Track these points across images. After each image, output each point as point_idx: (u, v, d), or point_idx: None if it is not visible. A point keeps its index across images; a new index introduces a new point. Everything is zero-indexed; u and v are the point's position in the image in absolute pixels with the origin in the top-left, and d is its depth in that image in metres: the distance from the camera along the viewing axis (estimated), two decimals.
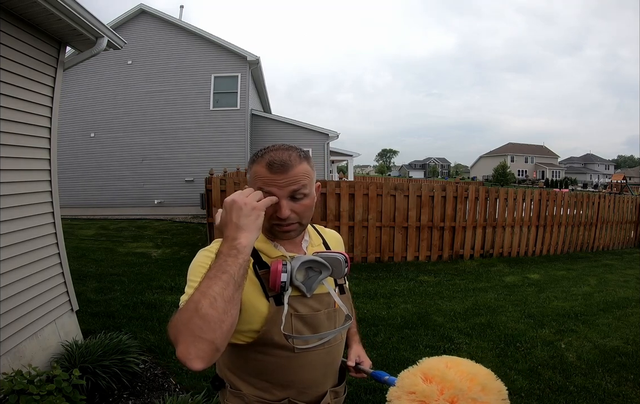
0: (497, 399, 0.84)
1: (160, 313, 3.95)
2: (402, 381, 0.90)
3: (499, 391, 0.85)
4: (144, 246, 7.26)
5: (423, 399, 0.84)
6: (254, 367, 0.96)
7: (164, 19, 12.16)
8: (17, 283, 2.45)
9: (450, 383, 0.85)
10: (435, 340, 3.53)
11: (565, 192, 8.62)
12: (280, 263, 0.91)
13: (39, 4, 2.28)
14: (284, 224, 0.93)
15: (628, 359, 3.16)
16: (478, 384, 0.85)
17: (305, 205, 0.94)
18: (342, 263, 1.00)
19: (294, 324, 0.94)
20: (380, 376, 1.12)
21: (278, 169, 0.90)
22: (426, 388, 0.85)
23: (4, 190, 2.36)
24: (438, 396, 0.83)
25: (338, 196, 6.09)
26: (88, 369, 2.45)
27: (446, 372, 0.88)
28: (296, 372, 0.96)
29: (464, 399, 0.82)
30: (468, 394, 0.83)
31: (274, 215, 0.92)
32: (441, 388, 0.84)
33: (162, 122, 12.08)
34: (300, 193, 0.92)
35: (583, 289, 5.26)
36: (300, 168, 0.93)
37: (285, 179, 0.90)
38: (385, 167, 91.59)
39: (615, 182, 29.14)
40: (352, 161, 16.78)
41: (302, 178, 0.92)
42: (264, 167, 0.91)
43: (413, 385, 0.87)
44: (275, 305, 0.92)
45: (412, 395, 0.86)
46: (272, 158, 0.91)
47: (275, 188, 0.90)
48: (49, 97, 2.77)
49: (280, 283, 0.90)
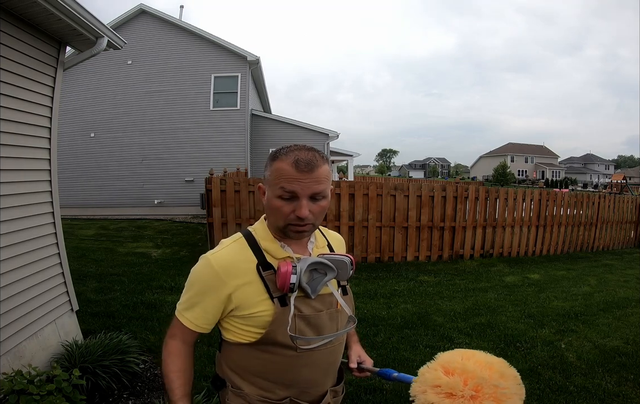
0: (515, 384, 0.89)
1: (160, 313, 3.95)
2: (423, 377, 0.93)
3: (514, 377, 0.91)
4: (144, 246, 7.26)
5: (449, 391, 0.87)
6: (257, 366, 0.97)
7: (164, 19, 12.16)
8: (17, 283, 2.45)
9: (472, 373, 0.88)
10: (435, 340, 3.53)
11: (565, 192, 8.62)
12: (291, 265, 0.91)
13: (39, 4, 2.28)
14: (301, 224, 0.92)
15: (628, 359, 3.16)
16: (497, 372, 0.90)
17: (322, 206, 0.95)
18: (348, 265, 1.01)
19: (297, 324, 0.94)
20: (388, 373, 1.11)
21: (305, 168, 0.89)
22: (450, 380, 0.88)
23: (4, 190, 2.36)
24: (463, 387, 0.86)
25: (338, 196, 6.09)
26: (88, 369, 2.45)
27: (465, 363, 0.92)
28: (299, 371, 0.97)
29: (487, 387, 0.86)
30: (490, 381, 0.87)
31: (292, 214, 0.91)
32: (464, 379, 0.88)
33: (162, 122, 12.08)
34: (320, 195, 0.93)
35: (583, 289, 5.25)
36: (324, 169, 0.93)
37: (310, 179, 0.90)
38: (385, 167, 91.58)
39: (615, 182, 29.14)
40: (352, 161, 16.77)
41: (324, 180, 0.93)
42: (290, 165, 0.90)
43: (436, 379, 0.90)
44: (280, 306, 0.93)
45: (437, 389, 0.88)
46: (299, 157, 0.90)
47: (299, 187, 0.90)
48: (49, 97, 2.77)
49: (289, 285, 0.90)
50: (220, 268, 0.94)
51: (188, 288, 0.99)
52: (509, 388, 0.87)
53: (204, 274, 0.96)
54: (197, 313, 0.97)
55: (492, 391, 0.85)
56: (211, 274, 0.94)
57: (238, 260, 0.96)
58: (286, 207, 0.91)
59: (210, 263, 0.95)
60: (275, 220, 0.95)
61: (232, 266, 0.94)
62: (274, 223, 0.97)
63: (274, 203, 0.93)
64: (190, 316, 0.97)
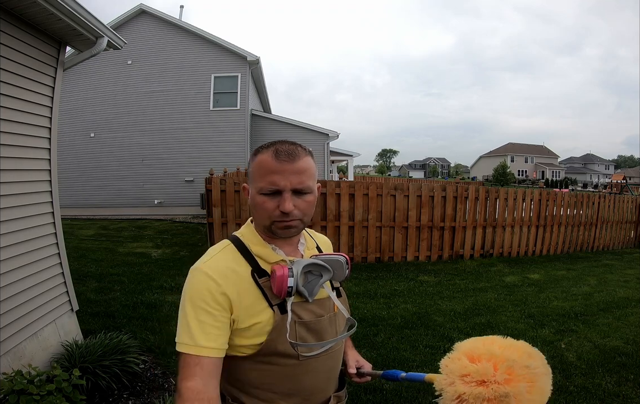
0: (543, 364, 0.86)
1: (160, 313, 3.95)
2: (448, 368, 0.87)
3: (540, 356, 0.87)
4: (144, 246, 7.26)
5: (480, 379, 0.81)
6: (256, 378, 0.92)
7: (164, 19, 12.16)
8: (17, 283, 2.45)
9: (501, 357, 0.84)
10: (435, 340, 3.53)
11: (565, 191, 8.61)
12: (286, 268, 0.88)
13: (39, 4, 2.28)
14: (287, 219, 0.88)
15: (628, 359, 3.16)
16: (524, 353, 0.86)
17: (308, 201, 0.91)
18: (344, 265, 0.97)
19: (298, 331, 0.90)
20: (395, 375, 1.05)
21: (285, 158, 0.87)
22: (480, 367, 0.83)
23: (4, 190, 2.36)
24: (494, 372, 0.82)
25: (338, 196, 6.09)
26: (88, 369, 2.45)
27: (491, 347, 0.87)
28: (301, 380, 0.93)
29: (518, 369, 0.82)
30: (520, 362, 0.83)
31: (276, 210, 0.88)
32: (494, 364, 0.83)
33: (162, 122, 12.08)
34: (305, 188, 0.90)
35: (583, 289, 5.25)
36: (306, 160, 0.91)
37: (291, 168, 0.87)
38: (385, 167, 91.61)
39: (615, 182, 29.14)
40: (352, 161, 16.78)
41: (307, 171, 0.90)
42: (270, 156, 0.88)
43: (463, 368, 0.85)
44: (279, 314, 0.89)
45: (466, 378, 0.83)
46: (279, 147, 0.89)
47: (281, 178, 0.87)
48: (49, 97, 2.77)
49: (287, 289, 0.86)
50: (218, 276, 0.87)
51: (187, 310, 0.85)
52: (539, 367, 0.84)
53: (201, 285, 0.86)
54: (212, 333, 0.84)
55: (525, 372, 0.82)
56: (210, 283, 0.86)
57: (232, 267, 0.90)
58: (269, 203, 0.88)
59: (204, 272, 0.88)
60: (261, 219, 0.91)
61: (227, 274, 0.88)
62: (260, 222, 0.92)
63: (257, 200, 0.90)
64: (206, 342, 0.82)
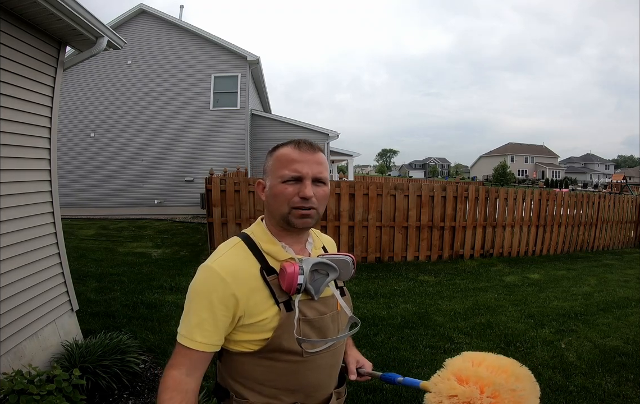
0: (530, 384, 0.89)
1: (161, 313, 3.95)
2: (437, 387, 0.90)
3: (529, 376, 0.90)
4: (144, 246, 7.26)
5: (466, 400, 0.85)
6: (261, 374, 0.94)
7: (164, 19, 12.15)
8: (17, 283, 2.45)
9: (487, 380, 0.87)
10: (435, 340, 3.53)
11: (565, 191, 8.61)
12: (297, 265, 0.89)
13: (39, 4, 2.28)
14: (306, 206, 0.92)
15: (628, 359, 3.16)
16: (511, 375, 0.89)
17: (324, 192, 0.96)
18: (350, 265, 1.00)
19: (302, 328, 0.93)
20: (392, 378, 1.09)
21: (307, 149, 0.95)
22: (467, 390, 0.86)
23: (4, 190, 2.36)
24: (480, 395, 0.84)
25: (338, 196, 6.09)
26: (88, 369, 2.45)
27: (478, 370, 0.90)
28: (304, 376, 0.95)
29: (504, 392, 0.84)
30: (506, 386, 0.85)
31: (296, 196, 0.92)
32: (480, 387, 0.86)
33: (162, 121, 12.07)
34: (323, 179, 0.96)
35: (583, 289, 5.26)
36: (323, 155, 0.98)
37: (313, 159, 0.94)
38: (385, 167, 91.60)
39: (615, 181, 29.15)
40: (352, 161, 16.78)
41: (324, 164, 0.97)
42: (292, 148, 0.95)
43: (451, 389, 0.87)
44: (285, 311, 0.91)
45: (453, 399, 0.86)
46: (300, 140, 0.97)
47: (303, 165, 0.93)
48: (49, 97, 2.77)
49: (296, 286, 0.88)
50: (227, 275, 0.89)
51: (192, 305, 0.89)
52: (526, 389, 0.86)
53: (209, 283, 0.89)
54: (208, 330, 0.88)
55: (510, 396, 0.84)
56: (218, 282, 0.88)
57: (242, 265, 0.92)
58: (290, 189, 0.92)
59: (214, 270, 0.90)
60: (279, 207, 0.93)
61: (238, 272, 0.90)
62: (278, 212, 0.94)
63: (277, 189, 0.93)
64: (201, 337, 0.88)
